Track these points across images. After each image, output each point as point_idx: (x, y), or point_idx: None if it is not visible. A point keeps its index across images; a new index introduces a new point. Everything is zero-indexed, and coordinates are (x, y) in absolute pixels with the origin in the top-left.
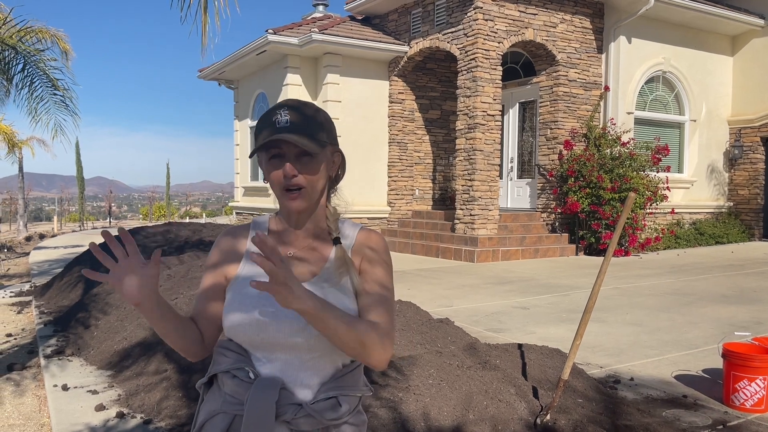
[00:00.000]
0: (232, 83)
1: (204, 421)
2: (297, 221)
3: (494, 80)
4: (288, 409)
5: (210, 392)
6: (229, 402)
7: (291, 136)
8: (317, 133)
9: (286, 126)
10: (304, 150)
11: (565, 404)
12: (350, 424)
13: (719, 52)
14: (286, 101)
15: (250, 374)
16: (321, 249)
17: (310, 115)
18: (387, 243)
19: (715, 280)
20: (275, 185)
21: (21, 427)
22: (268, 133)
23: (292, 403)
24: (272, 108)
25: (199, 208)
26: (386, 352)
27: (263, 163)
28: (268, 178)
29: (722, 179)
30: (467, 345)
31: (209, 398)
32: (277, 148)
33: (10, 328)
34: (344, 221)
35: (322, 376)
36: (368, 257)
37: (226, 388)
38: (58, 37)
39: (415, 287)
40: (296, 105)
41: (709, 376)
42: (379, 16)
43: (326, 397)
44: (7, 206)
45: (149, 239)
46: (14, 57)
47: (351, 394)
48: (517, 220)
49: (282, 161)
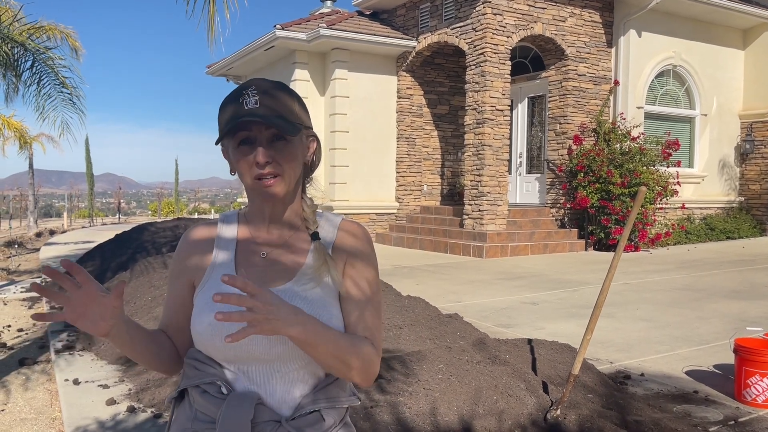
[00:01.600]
0: (240, 79)
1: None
2: (272, 213)
3: (503, 75)
4: (265, 427)
5: (180, 408)
6: (200, 419)
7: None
8: (291, 114)
9: (255, 106)
10: (278, 133)
11: (575, 399)
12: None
13: (730, 45)
14: (253, 80)
15: (222, 389)
16: (298, 246)
17: (281, 96)
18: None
19: (726, 276)
20: (245, 175)
21: (33, 421)
22: (234, 115)
23: (270, 419)
24: (237, 88)
25: (207, 204)
26: (374, 371)
27: (230, 151)
28: (236, 168)
29: (733, 174)
30: (476, 340)
31: (179, 415)
32: (246, 131)
33: (22, 323)
34: (322, 213)
35: (302, 389)
36: (352, 255)
37: (197, 404)
38: (67, 34)
39: (423, 283)
40: (265, 84)
41: (721, 371)
42: (387, 11)
43: (308, 412)
44: (18, 202)
45: (159, 235)
46: (23, 54)
47: (336, 405)
48: (526, 215)
49: (252, 147)
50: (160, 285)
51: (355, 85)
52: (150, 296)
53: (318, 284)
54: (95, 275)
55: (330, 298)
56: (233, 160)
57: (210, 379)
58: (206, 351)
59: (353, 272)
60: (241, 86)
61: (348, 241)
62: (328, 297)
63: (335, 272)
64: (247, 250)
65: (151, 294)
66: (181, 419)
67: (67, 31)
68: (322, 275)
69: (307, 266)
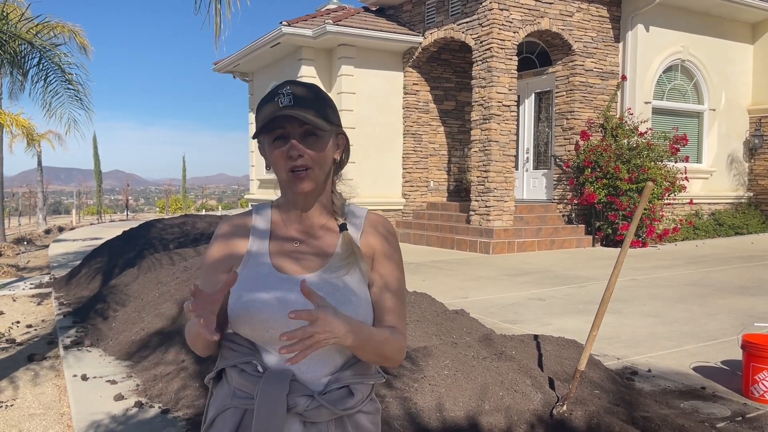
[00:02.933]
0: (246, 76)
1: (214, 416)
2: (303, 206)
3: (509, 70)
4: (299, 401)
5: (219, 386)
6: (238, 396)
7: (296, 111)
8: (323, 110)
9: (290, 104)
10: (310, 129)
11: (582, 395)
12: (364, 413)
13: (739, 39)
14: (288, 82)
15: (258, 367)
16: (327, 237)
17: (314, 93)
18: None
19: (735, 272)
20: (280, 168)
21: (41, 416)
22: (270, 113)
23: (304, 394)
24: (273, 88)
25: (215, 201)
26: (402, 356)
27: (266, 146)
28: (272, 162)
29: (742, 169)
30: (483, 336)
31: (218, 393)
32: (280, 128)
33: (31, 320)
34: (350, 207)
35: (333, 366)
36: (378, 245)
37: (235, 382)
38: (75, 32)
39: (430, 279)
40: (299, 83)
41: (728, 367)
42: (393, 6)
43: (338, 387)
44: (27, 199)
45: (166, 231)
46: (30, 51)
47: (363, 382)
48: (532, 211)
49: (286, 142)
50: (167, 281)
51: (362, 82)
52: (157, 292)
53: (347, 273)
54: (103, 271)
55: (357, 286)
56: (268, 154)
57: (246, 359)
58: (244, 333)
59: (380, 262)
60: (277, 87)
61: (374, 232)
62: (356, 285)
63: (363, 262)
64: (280, 239)
65: (159, 290)
66: (220, 396)
67: (76, 29)
68: (350, 265)
69: (336, 256)
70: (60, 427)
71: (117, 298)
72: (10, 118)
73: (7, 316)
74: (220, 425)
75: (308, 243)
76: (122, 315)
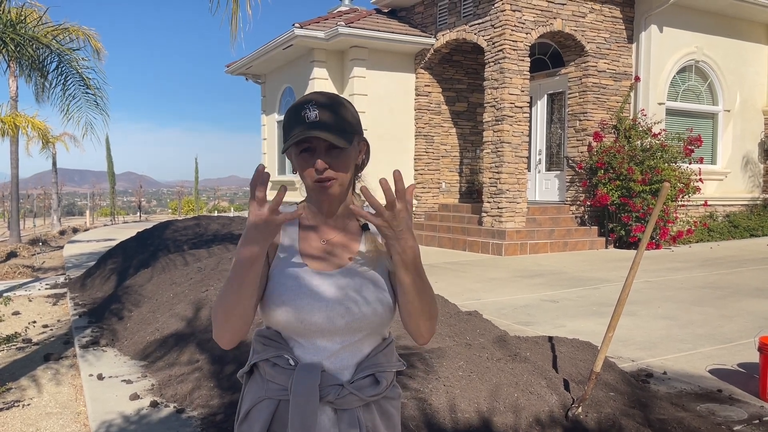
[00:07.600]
0: (259, 78)
1: (249, 408)
2: (329, 209)
3: (522, 72)
4: (330, 390)
5: (252, 380)
6: (272, 389)
7: (321, 132)
8: (345, 127)
9: (315, 122)
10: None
11: (597, 397)
12: (388, 398)
13: (754, 40)
14: (312, 95)
15: (290, 361)
16: (351, 235)
17: (337, 110)
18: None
19: (750, 274)
20: (306, 177)
21: (58, 415)
22: (298, 130)
23: (334, 384)
24: (299, 103)
25: (227, 203)
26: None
27: (293, 156)
28: (300, 172)
29: (757, 170)
30: (496, 338)
31: (252, 386)
32: (307, 143)
33: (47, 320)
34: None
35: (358, 357)
36: None
37: (268, 375)
38: (90, 35)
39: (442, 280)
40: (323, 100)
41: (745, 370)
42: (405, 8)
43: (365, 375)
44: (42, 201)
45: (179, 233)
46: (48, 55)
47: (388, 369)
48: (545, 212)
49: (312, 155)
50: (181, 282)
51: (374, 83)
52: (172, 293)
53: (372, 268)
54: (118, 272)
55: (383, 280)
56: (296, 165)
57: (279, 353)
58: (278, 326)
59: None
60: (302, 101)
61: None
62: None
63: (387, 260)
64: (309, 237)
65: (173, 291)
66: (253, 389)
67: (90, 33)
68: (374, 260)
69: (361, 252)
70: (76, 425)
71: (131, 299)
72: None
73: (24, 316)
74: (256, 415)
75: (334, 241)
76: (137, 315)
